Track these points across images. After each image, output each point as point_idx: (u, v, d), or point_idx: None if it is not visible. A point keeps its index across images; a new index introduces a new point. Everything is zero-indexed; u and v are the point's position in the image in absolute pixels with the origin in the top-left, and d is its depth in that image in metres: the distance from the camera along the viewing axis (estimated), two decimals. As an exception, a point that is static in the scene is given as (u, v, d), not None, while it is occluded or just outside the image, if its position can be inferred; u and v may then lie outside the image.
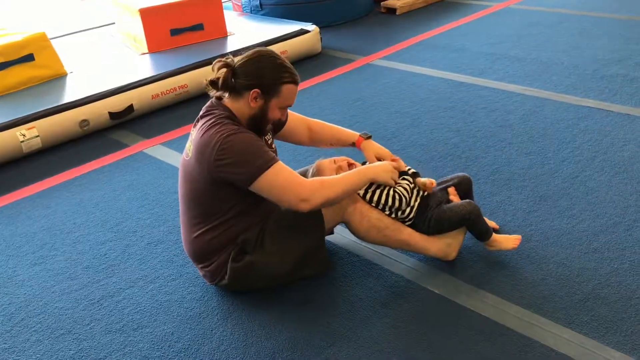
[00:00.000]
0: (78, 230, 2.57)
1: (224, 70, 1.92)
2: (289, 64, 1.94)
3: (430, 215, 2.07)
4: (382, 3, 5.54)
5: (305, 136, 2.30)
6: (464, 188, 2.23)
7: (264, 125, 1.98)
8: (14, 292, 2.22)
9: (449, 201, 2.13)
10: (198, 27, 4.29)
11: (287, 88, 1.92)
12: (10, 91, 3.64)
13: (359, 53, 4.50)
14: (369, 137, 2.24)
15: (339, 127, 2.33)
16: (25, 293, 2.20)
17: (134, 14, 4.16)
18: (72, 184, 2.96)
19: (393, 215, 2.07)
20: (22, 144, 3.17)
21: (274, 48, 4.12)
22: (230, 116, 1.92)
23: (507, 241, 2.13)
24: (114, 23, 4.84)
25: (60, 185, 2.95)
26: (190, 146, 1.97)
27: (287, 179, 1.86)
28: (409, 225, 2.11)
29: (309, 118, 2.32)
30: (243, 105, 1.92)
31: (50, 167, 3.14)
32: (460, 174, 2.26)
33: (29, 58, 3.71)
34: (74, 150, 3.32)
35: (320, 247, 2.06)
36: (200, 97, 3.87)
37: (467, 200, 2.12)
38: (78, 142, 3.40)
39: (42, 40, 3.78)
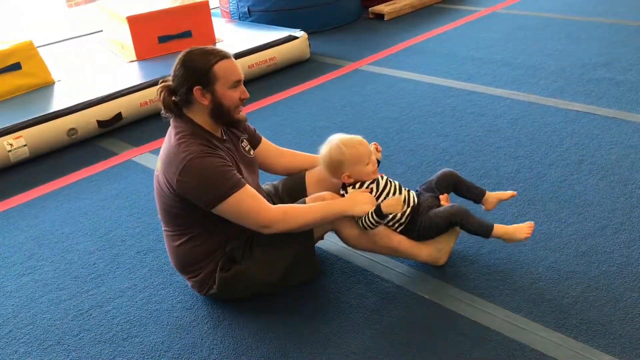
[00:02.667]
0: (67, 239, 2.56)
1: (162, 94, 1.92)
2: (211, 47, 1.92)
3: (419, 222, 2.07)
4: (370, 9, 5.57)
5: (279, 165, 2.28)
6: (452, 181, 2.19)
7: (228, 114, 1.93)
8: (1, 303, 2.20)
9: (439, 206, 2.13)
10: (186, 35, 4.29)
11: (219, 67, 1.88)
12: (-3, 100, 3.62)
13: (347, 59, 4.52)
14: None
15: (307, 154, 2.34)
16: (13, 304, 2.18)
17: (122, 21, 4.15)
18: (60, 193, 2.94)
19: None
20: (10, 153, 3.15)
21: (262, 54, 4.17)
22: (196, 131, 1.90)
23: (519, 231, 2.05)
24: (101, 31, 4.83)
25: (48, 195, 2.93)
26: (159, 161, 1.96)
27: (247, 207, 1.86)
28: (400, 232, 2.11)
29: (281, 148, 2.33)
30: (198, 109, 1.91)
31: (38, 177, 3.12)
32: (440, 170, 2.23)
33: (16, 67, 3.69)
34: (62, 159, 3.30)
35: (310, 254, 2.06)
36: (189, 104, 3.86)
37: (452, 204, 2.12)
38: (66, 151, 3.38)
39: (29, 49, 3.76)
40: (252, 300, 2.08)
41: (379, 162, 2.20)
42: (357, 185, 2.05)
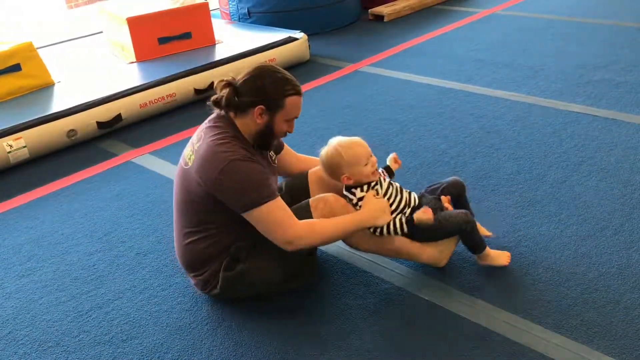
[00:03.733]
0: (66, 241, 2.55)
1: (226, 90, 1.91)
2: (290, 76, 1.94)
3: (425, 227, 2.06)
4: (370, 10, 5.57)
5: (295, 167, 2.29)
6: (457, 192, 2.22)
7: (271, 140, 1.98)
8: (1, 304, 2.19)
9: (442, 209, 2.13)
10: (186, 36, 4.29)
11: (290, 100, 1.91)
12: (-4, 101, 3.62)
13: (347, 60, 4.52)
14: None
15: None
16: (12, 305, 2.18)
17: (122, 23, 4.15)
18: (60, 195, 2.94)
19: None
20: (9, 154, 3.15)
21: (262, 56, 4.17)
22: (237, 135, 1.91)
23: (501, 257, 2.13)
24: (101, 32, 4.83)
25: (48, 196, 2.93)
26: (191, 155, 1.94)
27: (277, 219, 1.86)
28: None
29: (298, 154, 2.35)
30: (249, 122, 1.92)
31: (38, 178, 3.12)
32: (452, 178, 2.26)
33: (16, 68, 3.69)
34: (61, 160, 3.30)
35: (312, 256, 2.06)
36: (188, 105, 3.86)
37: (464, 210, 2.11)
38: (66, 152, 3.38)
39: (29, 50, 3.76)
40: (252, 301, 2.07)
41: (393, 173, 2.20)
42: (365, 188, 2.04)
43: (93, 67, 4.18)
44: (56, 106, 3.47)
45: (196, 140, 1.95)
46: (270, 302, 2.07)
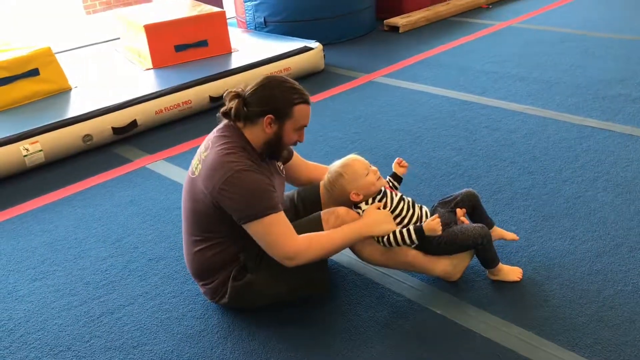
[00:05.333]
0: (79, 245, 2.57)
1: (235, 101, 1.92)
2: (298, 86, 1.94)
3: (439, 238, 2.05)
4: (385, 21, 5.58)
5: (305, 175, 2.29)
6: (471, 204, 2.21)
7: (281, 149, 1.99)
8: (14, 307, 2.21)
9: (456, 223, 2.12)
10: (202, 44, 4.32)
11: (299, 109, 1.92)
12: (15, 105, 3.66)
13: (361, 70, 4.52)
14: None
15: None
16: (25, 309, 2.19)
17: (139, 29, 4.19)
18: (74, 199, 2.96)
19: None
20: (26, 158, 3.18)
21: (277, 65, 4.18)
22: (245, 146, 1.91)
23: (512, 272, 2.12)
24: (118, 38, 4.87)
25: (62, 200, 2.95)
26: (198, 165, 1.95)
27: (278, 233, 1.85)
28: (414, 247, 2.09)
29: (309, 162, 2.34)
30: (258, 132, 1.92)
31: (53, 182, 3.14)
32: (465, 190, 2.25)
33: (34, 73, 3.73)
34: (76, 165, 3.33)
35: (321, 268, 2.05)
36: (203, 113, 3.88)
37: (480, 224, 2.10)
38: (81, 157, 3.41)
39: (47, 55, 3.80)
40: (262, 311, 2.07)
41: (401, 179, 2.20)
42: (370, 201, 2.04)
43: (110, 73, 4.22)
44: (72, 111, 3.50)
45: (204, 150, 1.96)
46: (281, 312, 2.07)
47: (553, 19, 5.53)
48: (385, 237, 1.99)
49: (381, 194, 2.07)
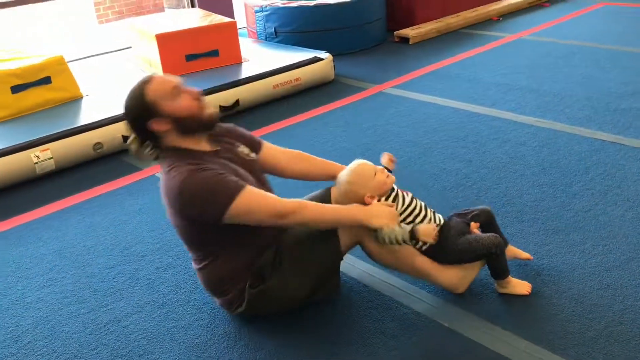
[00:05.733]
0: (88, 253, 2.58)
1: (135, 144, 1.95)
2: (141, 80, 1.89)
3: (451, 245, 2.04)
4: (395, 32, 5.59)
5: (291, 170, 2.22)
6: (487, 220, 2.19)
7: (193, 121, 1.87)
8: (22, 314, 2.22)
9: (470, 233, 2.11)
10: (213, 53, 4.35)
11: (148, 92, 1.85)
12: (27, 113, 3.69)
13: (371, 81, 4.53)
14: None
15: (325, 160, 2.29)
16: (32, 316, 2.20)
17: (151, 39, 4.22)
18: (83, 207, 2.97)
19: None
20: (36, 165, 3.21)
21: (287, 75, 4.20)
22: (180, 155, 1.87)
23: (521, 286, 2.11)
24: (130, 47, 4.91)
25: (71, 208, 2.97)
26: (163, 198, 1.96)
27: (258, 201, 1.82)
28: (424, 251, 2.08)
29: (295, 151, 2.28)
30: (168, 135, 1.89)
31: (63, 190, 3.16)
32: (481, 206, 2.23)
33: (47, 80, 3.77)
34: (86, 172, 3.35)
35: (336, 270, 2.05)
36: (213, 122, 3.90)
37: (494, 234, 2.09)
38: (91, 165, 3.43)
39: (59, 64, 3.84)
40: (270, 321, 2.06)
41: (390, 171, 2.17)
42: (383, 199, 2.03)
43: (121, 81, 4.25)
44: (83, 119, 3.53)
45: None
46: (288, 321, 2.06)
47: (563, 32, 5.53)
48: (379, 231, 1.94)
49: (394, 192, 2.06)
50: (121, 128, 3.48)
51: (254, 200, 1.82)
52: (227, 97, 3.90)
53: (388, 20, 5.71)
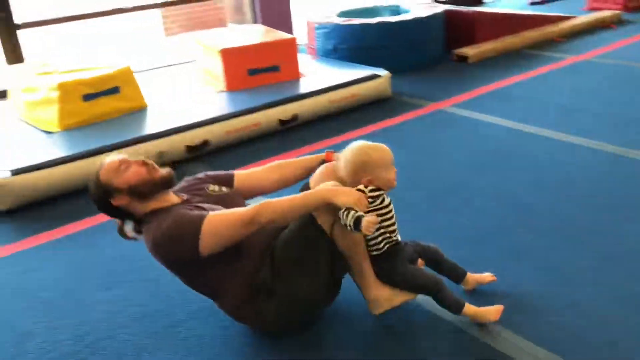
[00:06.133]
0: (149, 258, 2.65)
1: (120, 229, 2.10)
2: (95, 173, 2.01)
3: (398, 266, 2.04)
4: (454, 51, 5.58)
5: (269, 181, 2.27)
6: (434, 258, 2.19)
7: (147, 186, 1.98)
8: (85, 314, 2.32)
9: (415, 264, 2.14)
10: (274, 69, 4.46)
11: (102, 175, 1.98)
12: (96, 120, 3.87)
13: (428, 99, 4.54)
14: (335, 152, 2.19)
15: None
16: (95, 317, 2.30)
17: (215, 53, 4.37)
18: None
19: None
20: (103, 171, 3.35)
21: (344, 91, 4.26)
22: (150, 216, 1.97)
23: (487, 314, 2.07)
24: (194, 60, 5.09)
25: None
26: None
27: (222, 220, 1.88)
28: (373, 260, 2.05)
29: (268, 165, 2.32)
30: (133, 206, 2.00)
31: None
32: (431, 244, 2.21)
33: (115, 90, 3.95)
34: (149, 180, 3.47)
35: (332, 250, 2.01)
36: (271, 135, 3.99)
37: (433, 275, 2.08)
38: (154, 173, 3.55)
39: (127, 74, 4.02)
40: (304, 338, 2.09)
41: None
42: (369, 190, 1.98)
43: (185, 93, 4.40)
44: (148, 128, 3.68)
45: None
46: (326, 337, 2.09)
47: (629, 54, 5.38)
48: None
49: (381, 191, 2.03)
50: (183, 138, 3.62)
51: (217, 221, 1.87)
52: (286, 111, 3.99)
53: (447, 39, 5.70)
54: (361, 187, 1.98)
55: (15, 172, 3.16)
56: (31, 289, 2.52)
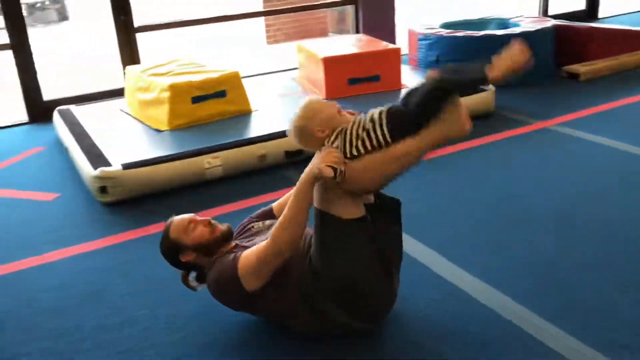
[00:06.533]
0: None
1: (185, 281, 2.25)
2: (165, 232, 2.17)
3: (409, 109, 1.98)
4: (564, 67, 5.34)
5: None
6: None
7: (212, 244, 2.13)
8: (181, 307, 2.40)
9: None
10: (375, 78, 4.45)
11: (172, 233, 2.13)
12: (202, 122, 4.03)
13: (533, 117, 4.36)
14: None
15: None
16: (190, 309, 2.38)
17: (317, 61, 4.43)
18: (242, 213, 3.15)
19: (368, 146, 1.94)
20: (207, 171, 3.49)
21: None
22: (210, 262, 2.14)
23: (512, 56, 1.92)
24: (296, 68, 5.18)
25: (234, 213, 3.17)
26: None
27: (253, 255, 1.98)
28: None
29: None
30: (199, 259, 2.15)
31: (227, 195, 3.39)
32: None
33: (222, 94, 4.09)
34: (250, 182, 3.56)
35: (361, 220, 2.00)
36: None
37: (426, 76, 1.94)
38: (254, 175, 3.64)
39: (235, 79, 4.15)
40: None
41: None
42: (332, 137, 1.97)
43: (287, 99, 4.49)
44: (251, 132, 3.78)
45: None
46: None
47: None
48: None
49: (341, 129, 1.98)
50: (284, 143, 3.69)
51: (247, 259, 1.99)
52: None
53: (557, 55, 5.47)
54: (326, 145, 1.98)
55: (126, 167, 3.34)
56: (137, 276, 2.64)
